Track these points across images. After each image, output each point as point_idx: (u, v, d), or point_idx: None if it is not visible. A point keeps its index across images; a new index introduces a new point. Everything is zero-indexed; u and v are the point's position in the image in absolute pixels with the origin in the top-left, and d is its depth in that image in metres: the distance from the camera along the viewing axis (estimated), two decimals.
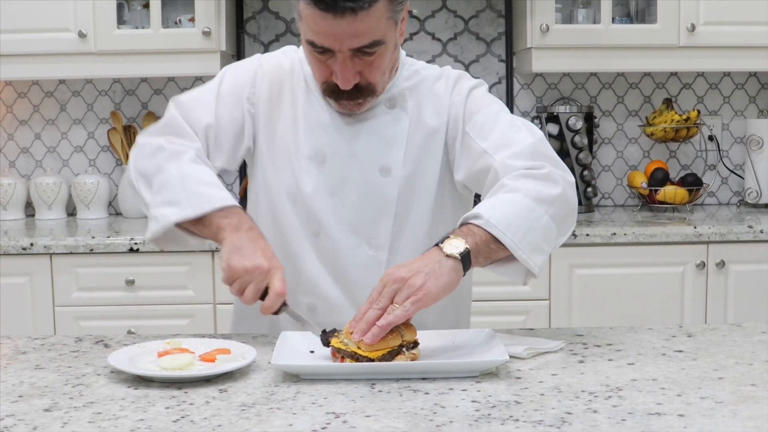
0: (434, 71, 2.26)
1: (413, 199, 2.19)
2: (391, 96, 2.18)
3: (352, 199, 2.17)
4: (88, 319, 3.68)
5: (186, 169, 2.09)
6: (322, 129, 2.18)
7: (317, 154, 2.17)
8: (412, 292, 1.80)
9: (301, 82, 2.22)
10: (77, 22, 3.91)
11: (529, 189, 1.97)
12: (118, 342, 2.06)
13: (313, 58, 2.05)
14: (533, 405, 1.59)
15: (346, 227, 2.18)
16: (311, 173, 2.17)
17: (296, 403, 1.60)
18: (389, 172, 2.17)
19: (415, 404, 1.59)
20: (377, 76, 2.07)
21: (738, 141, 4.53)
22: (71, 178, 4.36)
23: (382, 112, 2.18)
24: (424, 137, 2.19)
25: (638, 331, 2.11)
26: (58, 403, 1.62)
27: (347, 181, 2.17)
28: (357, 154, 2.17)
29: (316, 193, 2.17)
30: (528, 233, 1.93)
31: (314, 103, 2.19)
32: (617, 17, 4.19)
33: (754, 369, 1.80)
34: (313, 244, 2.19)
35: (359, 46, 1.97)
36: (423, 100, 2.20)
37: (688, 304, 3.77)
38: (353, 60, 2.01)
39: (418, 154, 2.19)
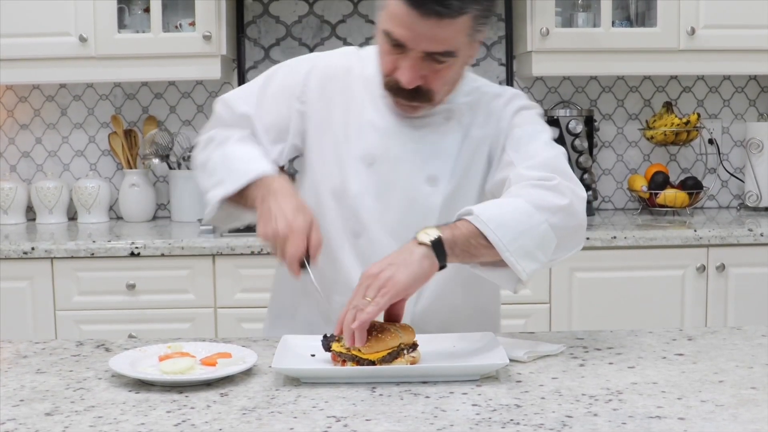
0: (495, 89, 2.25)
1: (456, 209, 2.11)
2: (449, 109, 2.17)
3: (396, 204, 2.17)
4: (89, 323, 3.67)
5: (229, 149, 2.18)
6: (374, 131, 2.18)
7: (367, 155, 2.17)
8: (381, 284, 1.80)
9: (358, 83, 2.22)
10: (78, 26, 3.92)
11: (533, 196, 1.96)
12: (119, 346, 2.06)
13: (384, 49, 2.04)
14: (534, 408, 1.59)
15: (388, 231, 2.16)
16: (359, 174, 2.17)
17: (297, 407, 1.60)
18: (436, 182, 2.16)
19: (416, 408, 1.59)
20: (439, 85, 2.05)
21: (738, 144, 4.53)
22: (72, 182, 4.36)
23: (436, 122, 2.17)
24: (472, 150, 2.18)
25: (639, 335, 2.11)
26: (59, 407, 1.62)
27: (394, 185, 2.17)
28: (406, 160, 2.17)
29: (362, 194, 2.17)
30: (520, 237, 1.91)
31: (369, 106, 2.19)
32: (617, 21, 4.19)
33: (754, 372, 1.80)
34: (353, 245, 2.18)
35: (433, 51, 1.97)
36: (478, 116, 2.19)
37: (689, 307, 3.77)
38: (422, 63, 2.00)
39: (465, 167, 2.18)
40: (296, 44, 4.40)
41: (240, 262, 3.68)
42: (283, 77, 2.27)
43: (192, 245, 3.65)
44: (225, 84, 4.39)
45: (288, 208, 1.98)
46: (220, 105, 2.30)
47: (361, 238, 2.18)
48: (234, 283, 3.69)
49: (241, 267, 3.68)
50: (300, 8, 4.41)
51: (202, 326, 3.69)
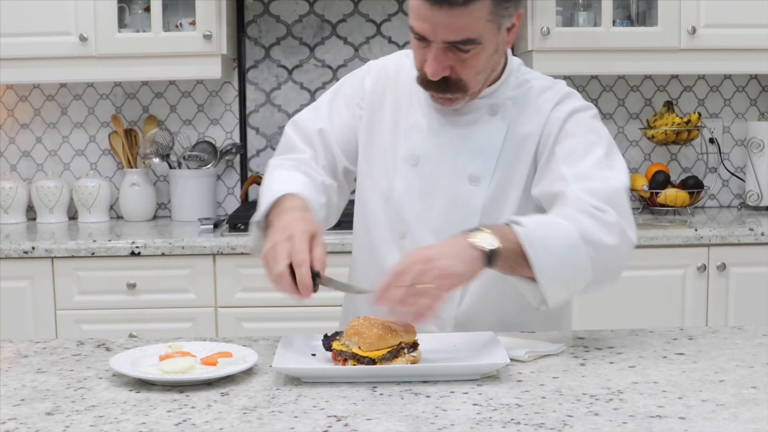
0: (545, 82, 2.22)
1: (498, 209, 2.15)
2: (494, 103, 2.16)
3: (438, 204, 2.17)
4: (90, 322, 3.67)
5: (274, 176, 2.17)
6: (418, 132, 2.19)
7: (411, 156, 2.18)
8: (440, 274, 1.77)
9: (407, 86, 2.23)
10: (78, 25, 3.91)
11: (584, 226, 1.93)
12: (120, 345, 2.06)
13: (414, 44, 2.05)
14: (534, 408, 1.59)
15: (431, 231, 2.16)
16: (404, 175, 2.18)
17: (298, 407, 1.60)
18: (478, 181, 2.15)
19: (417, 407, 1.59)
20: (469, 74, 2.04)
21: (739, 143, 4.53)
22: (72, 181, 4.36)
23: (482, 118, 2.16)
24: (517, 146, 2.15)
25: (639, 334, 2.11)
26: (59, 407, 1.62)
27: (437, 185, 2.17)
28: (448, 159, 2.17)
29: (407, 195, 2.18)
30: (560, 266, 1.90)
31: (416, 106, 2.20)
32: (618, 20, 4.18)
33: (755, 372, 1.80)
34: (398, 246, 2.18)
35: (452, 40, 1.97)
36: (524, 109, 2.16)
37: (689, 306, 3.77)
38: (446, 53, 2.00)
39: (509, 164, 2.15)
40: (297, 44, 4.40)
41: (241, 262, 3.67)
42: (347, 87, 2.31)
43: (192, 245, 3.65)
44: (225, 83, 4.39)
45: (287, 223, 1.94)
46: (290, 127, 2.31)
47: (405, 239, 2.18)
48: (235, 282, 3.69)
49: (241, 266, 3.68)
50: (300, 7, 4.40)
51: (202, 326, 3.69)
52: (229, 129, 4.41)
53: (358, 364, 1.78)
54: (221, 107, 4.42)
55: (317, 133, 2.25)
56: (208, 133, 4.42)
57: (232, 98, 4.41)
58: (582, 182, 2.01)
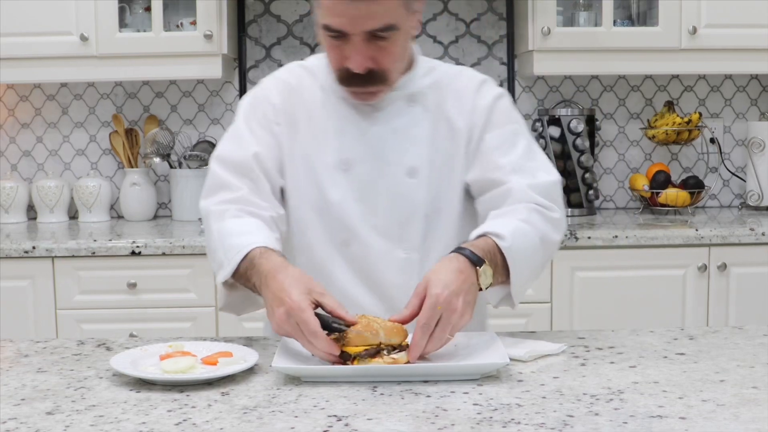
0: (453, 68, 2.29)
1: (442, 198, 2.19)
2: (411, 93, 2.19)
3: (380, 204, 2.17)
4: (90, 322, 3.67)
5: (225, 226, 2.08)
6: (344, 136, 2.18)
7: (342, 161, 2.17)
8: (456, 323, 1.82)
9: (314, 94, 2.22)
10: (79, 25, 3.92)
11: (540, 227, 2.06)
12: (120, 345, 2.06)
13: (329, 43, 2.06)
14: (535, 408, 1.59)
15: (377, 232, 2.17)
16: (338, 182, 2.17)
17: (298, 406, 1.60)
18: (416, 172, 2.17)
19: (417, 407, 1.59)
20: (390, 62, 2.07)
21: (739, 143, 4.53)
22: (73, 181, 4.36)
23: (402, 109, 2.18)
24: (449, 135, 2.19)
25: (640, 334, 2.11)
26: (60, 407, 1.62)
27: (375, 185, 2.17)
28: (382, 158, 2.17)
29: (345, 201, 2.16)
30: (528, 270, 2.03)
31: (332, 112, 2.19)
32: (619, 20, 4.18)
33: (755, 372, 1.79)
34: (343, 254, 2.18)
35: (372, 28, 1.99)
36: (444, 97, 2.21)
37: (690, 306, 3.77)
38: (367, 44, 2.02)
39: (444, 153, 2.19)
40: (297, 43, 4.40)
41: None
42: (255, 111, 2.23)
43: (193, 244, 3.65)
44: (226, 83, 4.39)
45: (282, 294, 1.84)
46: (216, 163, 2.20)
47: (350, 246, 2.18)
48: None
49: None
50: (301, 7, 4.41)
51: (203, 325, 3.69)
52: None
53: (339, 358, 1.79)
54: (222, 107, 4.42)
55: (253, 158, 2.16)
56: (208, 132, 4.42)
57: (232, 98, 4.41)
58: (521, 175, 2.13)
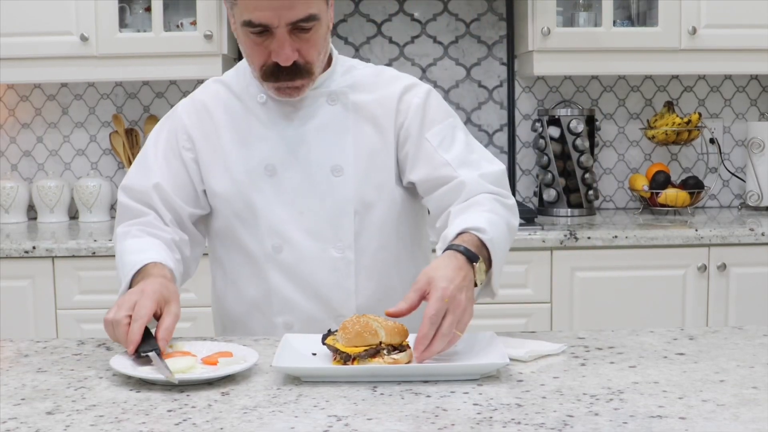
0: (372, 68, 2.30)
1: (370, 194, 2.20)
2: (331, 91, 2.20)
3: (309, 205, 2.17)
4: (90, 322, 3.66)
5: (123, 247, 2.13)
6: (266, 141, 2.18)
7: (266, 167, 2.17)
8: (461, 318, 1.82)
9: (233, 103, 2.23)
10: (79, 25, 3.92)
11: (503, 215, 2.09)
12: (120, 345, 2.02)
13: (250, 41, 2.07)
14: (535, 408, 1.58)
15: (308, 234, 2.18)
16: (263, 188, 2.17)
17: (298, 406, 1.60)
18: (341, 170, 2.17)
19: (417, 407, 1.59)
20: (314, 54, 2.09)
21: (739, 144, 4.53)
22: (73, 181, 4.36)
23: (322, 108, 2.19)
24: (373, 132, 2.20)
25: (640, 334, 2.10)
26: (60, 406, 1.62)
27: (301, 187, 2.17)
28: (306, 159, 2.18)
29: (272, 207, 2.17)
30: (503, 259, 2.04)
31: (251, 120, 2.20)
32: (618, 20, 4.18)
33: (755, 372, 1.79)
34: (275, 261, 2.18)
35: (296, 18, 2.01)
36: (367, 96, 2.22)
37: (690, 306, 3.77)
38: (291, 37, 2.03)
39: (368, 149, 2.20)
40: None
41: None
42: (164, 136, 2.25)
43: None
44: None
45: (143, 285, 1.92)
46: (122, 194, 2.23)
47: (282, 252, 2.18)
48: None
49: None
50: None
51: (203, 325, 3.65)
52: None
53: (339, 358, 1.79)
54: None
55: (153, 189, 2.18)
56: None
57: None
58: (468, 168, 2.15)
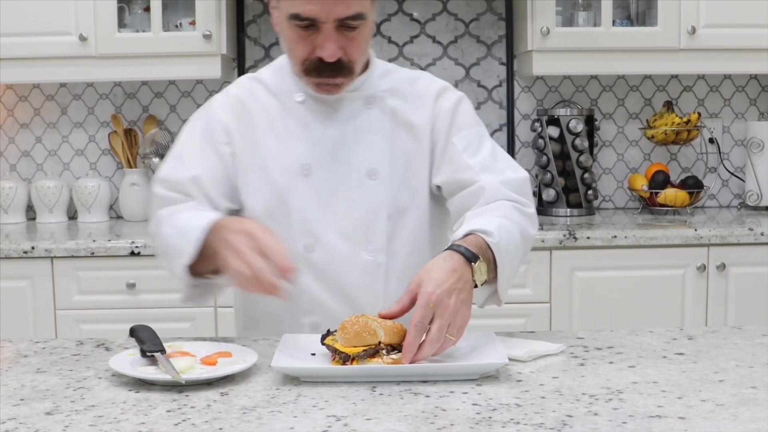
0: (409, 73, 2.30)
1: (404, 198, 2.20)
2: (369, 95, 2.19)
3: (342, 207, 2.17)
4: (90, 322, 3.67)
5: (176, 219, 2.09)
6: (303, 141, 2.17)
7: (302, 166, 2.16)
8: (455, 323, 1.80)
9: (270, 101, 2.22)
10: (78, 25, 3.91)
11: (519, 223, 2.07)
12: (119, 345, 2.05)
13: (296, 35, 2.05)
14: (534, 408, 1.58)
15: (341, 236, 2.17)
16: (298, 187, 2.16)
17: (297, 406, 1.60)
18: (377, 174, 2.17)
19: (416, 407, 1.59)
20: (358, 53, 2.08)
21: (739, 143, 4.53)
22: (72, 181, 4.36)
23: (360, 111, 2.19)
24: (409, 137, 2.20)
25: (639, 334, 2.10)
26: (59, 407, 1.62)
27: (336, 188, 2.17)
28: (342, 160, 2.17)
29: (307, 206, 2.16)
30: (512, 267, 2.02)
31: (289, 118, 2.19)
32: (618, 20, 4.18)
33: (754, 371, 1.79)
34: (307, 261, 2.16)
35: (345, 15, 2.00)
36: (404, 101, 2.22)
37: (689, 306, 3.76)
38: (337, 33, 2.02)
39: (404, 154, 2.20)
40: None
41: None
42: (202, 130, 2.22)
43: None
44: (225, 83, 4.36)
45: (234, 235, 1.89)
46: (159, 186, 2.20)
47: (314, 252, 2.17)
48: None
49: None
50: None
51: (202, 325, 3.69)
52: None
53: (338, 358, 1.79)
54: None
55: (191, 182, 2.15)
56: None
57: None
58: (490, 174, 2.15)
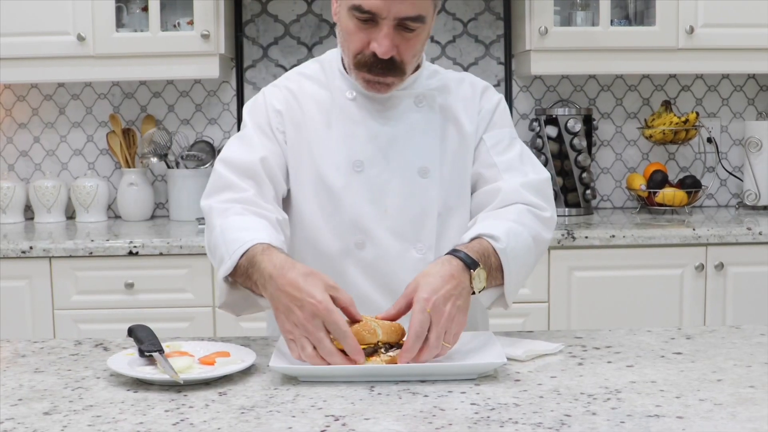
0: (455, 74, 2.31)
1: (453, 197, 2.20)
2: (418, 93, 2.19)
3: (393, 204, 2.16)
4: (88, 322, 3.66)
5: (228, 222, 2.04)
6: (355, 138, 2.17)
7: (354, 163, 2.16)
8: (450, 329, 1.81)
9: (321, 95, 2.22)
10: (76, 25, 3.91)
11: (532, 227, 2.09)
12: (118, 345, 2.05)
13: (355, 25, 2.05)
14: (532, 407, 1.58)
15: (392, 233, 2.16)
16: (350, 184, 2.15)
17: (295, 406, 1.60)
18: (427, 172, 2.17)
19: (414, 407, 1.59)
20: (411, 55, 2.08)
21: (737, 143, 4.53)
22: (70, 181, 4.35)
23: (411, 109, 2.18)
24: (458, 138, 2.21)
25: (637, 333, 2.10)
26: (57, 407, 1.62)
27: (387, 186, 2.17)
28: (394, 158, 2.17)
29: (358, 203, 2.15)
30: (521, 271, 2.05)
31: (341, 114, 2.18)
32: (616, 19, 4.18)
33: (752, 371, 1.79)
34: (356, 258, 2.16)
35: (406, 15, 2.00)
36: (452, 100, 2.23)
37: (687, 306, 3.76)
38: (394, 32, 2.02)
39: (453, 153, 2.21)
40: (295, 43, 4.39)
41: None
42: (260, 118, 2.22)
43: (190, 244, 3.64)
44: (223, 83, 4.38)
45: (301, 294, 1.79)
46: (221, 164, 2.17)
47: (364, 248, 2.16)
48: None
49: None
50: (299, 7, 4.40)
51: (200, 325, 3.68)
52: (227, 129, 4.40)
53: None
54: (219, 107, 4.42)
55: (260, 162, 2.13)
56: (206, 132, 4.42)
57: (230, 98, 4.41)
58: (513, 174, 2.18)
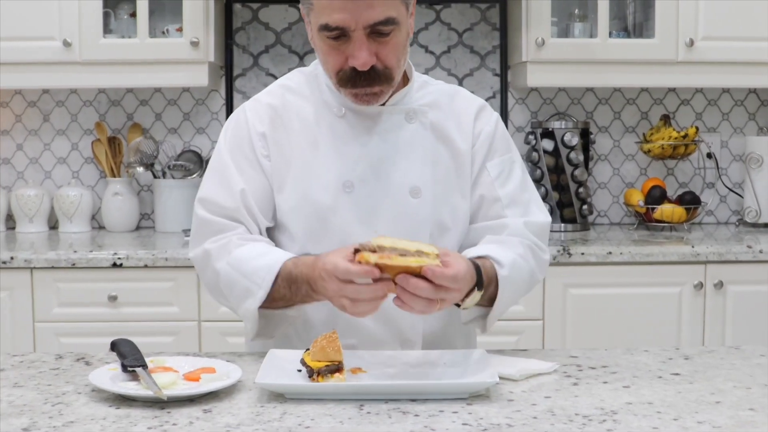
0: (447, 86, 2.29)
1: (445, 216, 2.18)
2: (409, 109, 2.17)
3: (384, 224, 2.13)
4: (69, 335, 3.63)
5: (235, 258, 2.05)
6: (345, 158, 2.14)
7: (344, 183, 2.13)
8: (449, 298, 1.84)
9: (306, 111, 2.18)
10: (62, 30, 3.88)
11: (532, 266, 2.15)
12: (100, 360, 2.06)
13: (327, 46, 2.04)
14: (526, 428, 1.58)
15: None
16: (339, 205, 2.12)
17: (282, 425, 1.59)
18: (419, 192, 2.14)
19: (405, 426, 1.58)
20: (393, 58, 2.05)
21: (737, 159, 4.51)
22: (53, 190, 4.32)
23: (401, 126, 2.16)
24: (450, 155, 2.19)
25: (634, 353, 2.11)
26: (36, 423, 1.61)
27: (378, 207, 2.14)
28: (385, 177, 2.15)
29: (347, 225, 2.12)
30: (510, 301, 2.10)
31: (329, 131, 2.15)
32: (614, 31, 4.17)
33: (752, 393, 1.80)
34: None
35: (375, 20, 1.98)
36: (443, 117, 2.21)
37: (686, 325, 3.74)
38: (369, 40, 2.00)
39: (445, 171, 2.18)
40: (286, 52, 4.36)
41: None
42: (238, 142, 2.17)
43: (176, 256, 3.61)
44: (212, 91, 4.35)
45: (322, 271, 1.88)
46: (201, 208, 2.15)
47: None
48: None
49: None
50: (290, 15, 4.37)
51: (185, 340, 3.66)
52: (215, 138, 4.35)
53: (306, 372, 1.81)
54: (208, 116, 4.39)
55: (241, 202, 2.11)
56: (193, 142, 4.39)
57: (219, 107, 4.38)
58: (517, 209, 2.20)
